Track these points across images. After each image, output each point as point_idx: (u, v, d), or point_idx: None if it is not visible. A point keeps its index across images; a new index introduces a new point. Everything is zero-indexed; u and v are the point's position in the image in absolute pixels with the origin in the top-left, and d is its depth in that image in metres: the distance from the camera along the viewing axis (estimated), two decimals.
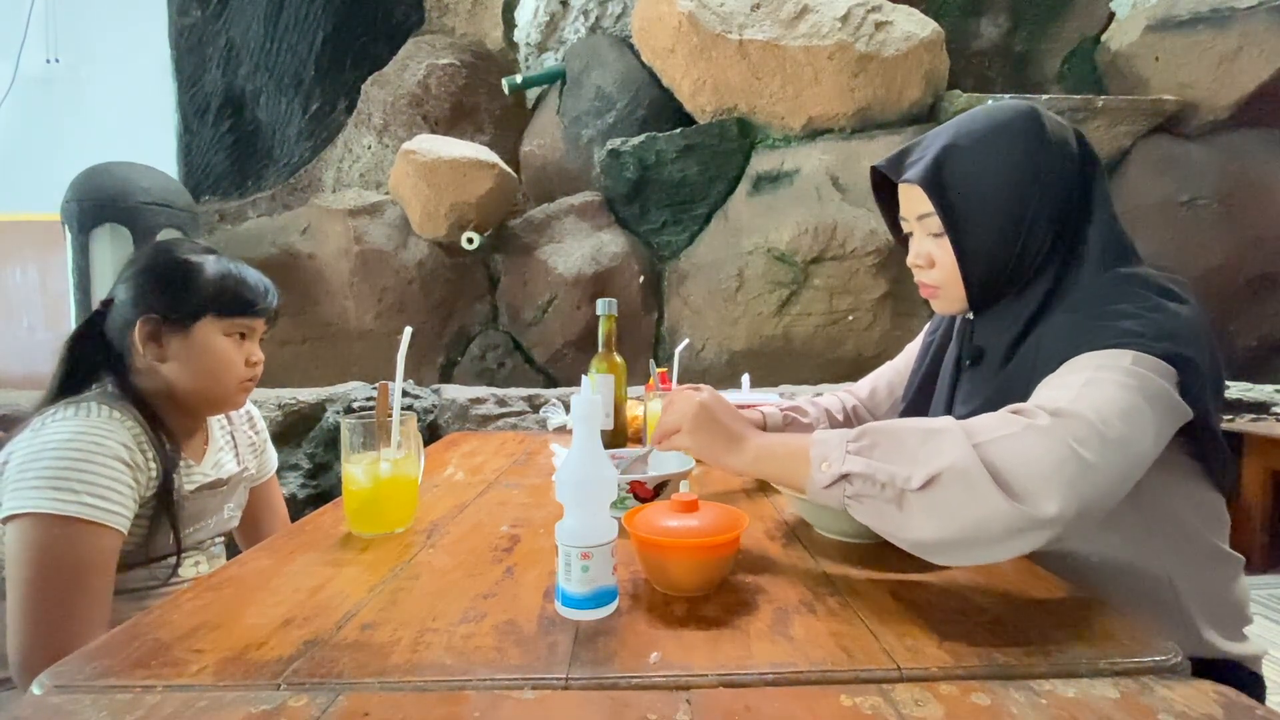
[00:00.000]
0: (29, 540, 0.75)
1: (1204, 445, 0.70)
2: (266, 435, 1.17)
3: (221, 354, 0.92)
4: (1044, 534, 0.53)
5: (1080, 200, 0.77)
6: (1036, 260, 0.77)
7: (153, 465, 0.86)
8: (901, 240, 0.90)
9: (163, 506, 0.87)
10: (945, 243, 0.79)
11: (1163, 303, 0.68)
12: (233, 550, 1.05)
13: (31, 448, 0.79)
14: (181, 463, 0.92)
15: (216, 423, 1.05)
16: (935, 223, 0.79)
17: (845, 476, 0.59)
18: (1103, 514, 0.56)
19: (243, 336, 0.95)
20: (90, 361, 0.92)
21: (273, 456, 1.17)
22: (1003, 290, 0.80)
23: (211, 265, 0.93)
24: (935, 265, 0.82)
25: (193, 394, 0.92)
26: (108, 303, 0.93)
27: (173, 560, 0.89)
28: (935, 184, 0.77)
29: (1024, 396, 0.66)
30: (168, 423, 0.90)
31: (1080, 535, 0.75)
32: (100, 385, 0.91)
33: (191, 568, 0.95)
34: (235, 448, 1.07)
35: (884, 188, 0.90)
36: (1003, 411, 0.60)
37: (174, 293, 0.91)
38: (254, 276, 0.97)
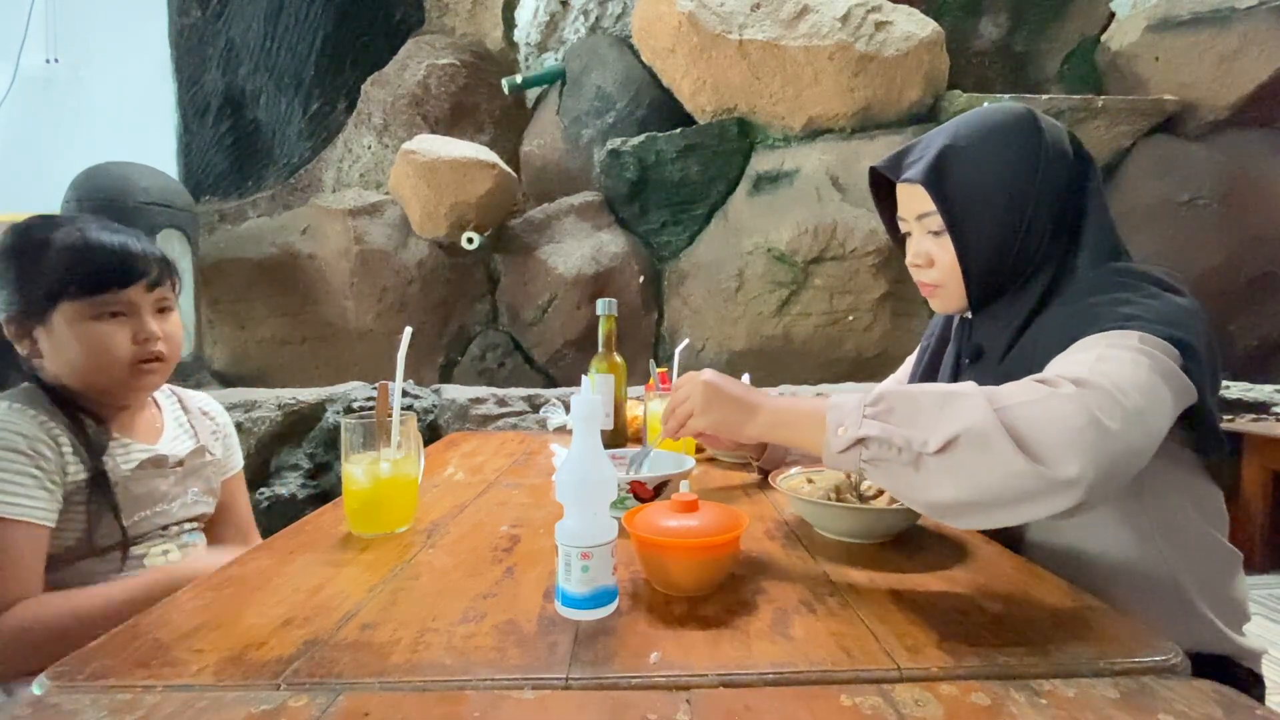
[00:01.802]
0: None
1: (1203, 436, 0.70)
2: (231, 430, 1.10)
3: (89, 341, 0.83)
4: (1063, 498, 0.53)
5: (1076, 198, 0.78)
6: (1036, 257, 0.78)
7: (65, 450, 0.81)
8: (899, 241, 0.90)
9: (96, 490, 0.82)
10: (945, 241, 0.80)
11: (1160, 293, 0.69)
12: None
13: None
14: (115, 442, 0.87)
15: (168, 407, 1.00)
16: (935, 221, 0.80)
17: (861, 441, 0.58)
18: (1121, 484, 0.55)
19: (120, 314, 0.85)
20: None
21: (238, 451, 1.11)
22: (1002, 288, 0.81)
23: (58, 242, 0.82)
24: (935, 264, 0.83)
25: (82, 386, 0.85)
26: None
27: (130, 549, 0.86)
28: (936, 182, 0.78)
29: None
30: (90, 406, 0.86)
31: (1088, 531, 0.75)
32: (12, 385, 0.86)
33: (160, 556, 0.90)
34: (194, 432, 1.01)
35: (882, 188, 0.90)
36: (1026, 380, 0.60)
37: (21, 283, 0.82)
38: (110, 244, 0.84)
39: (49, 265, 0.82)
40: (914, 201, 0.82)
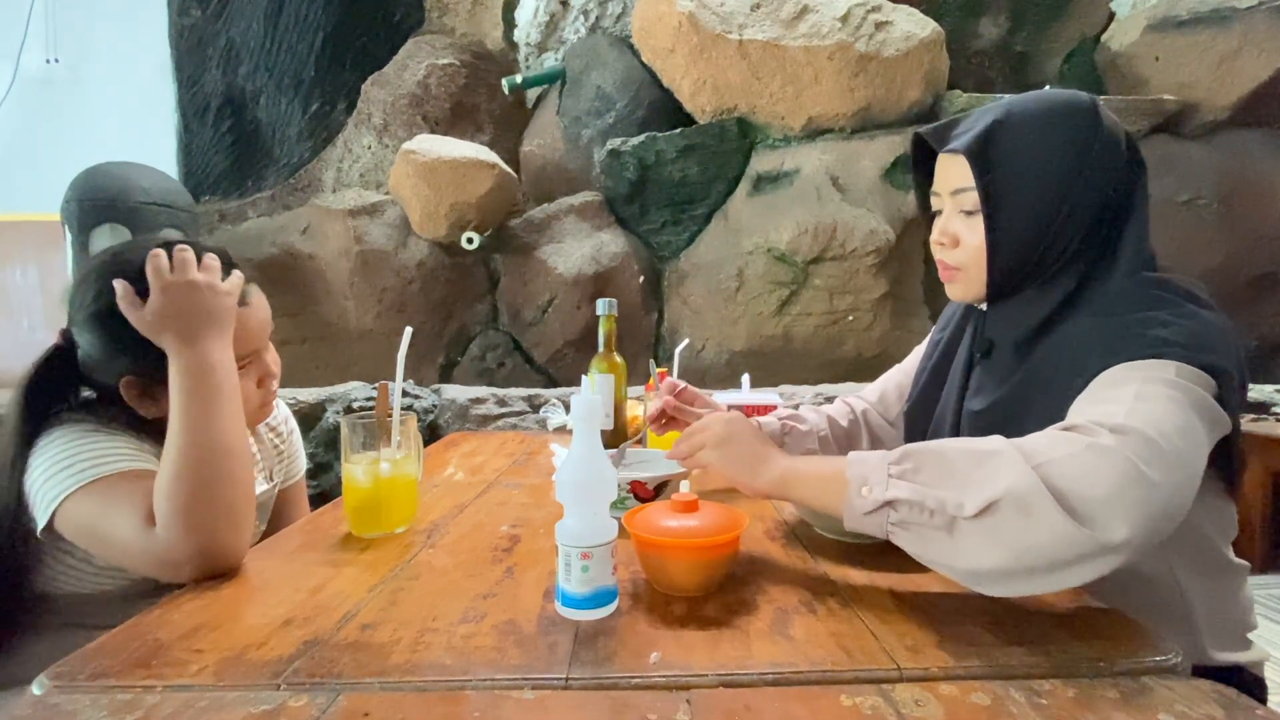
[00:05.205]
0: (83, 516, 0.69)
1: (1226, 454, 0.68)
2: (296, 439, 1.08)
3: None
4: (1113, 560, 0.51)
5: (1121, 203, 0.75)
6: (1066, 255, 0.75)
7: None
8: (929, 218, 0.86)
9: None
10: (975, 222, 0.77)
11: (1195, 310, 0.66)
12: None
13: (32, 471, 0.73)
14: None
15: None
16: (969, 199, 0.76)
17: (889, 503, 0.56)
18: (1167, 535, 0.53)
19: (247, 364, 0.84)
20: (60, 397, 0.80)
21: (301, 459, 1.10)
22: (1025, 281, 0.77)
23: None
24: (960, 245, 0.79)
25: None
26: (68, 337, 0.80)
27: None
28: (980, 156, 0.74)
29: (1044, 396, 0.65)
30: None
31: None
32: (74, 411, 0.79)
33: None
34: (262, 464, 1.00)
35: (921, 160, 0.87)
36: (1055, 429, 0.57)
37: (131, 344, 0.74)
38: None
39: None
40: (952, 175, 0.78)
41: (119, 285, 0.73)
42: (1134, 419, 0.55)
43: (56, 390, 0.81)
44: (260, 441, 1.01)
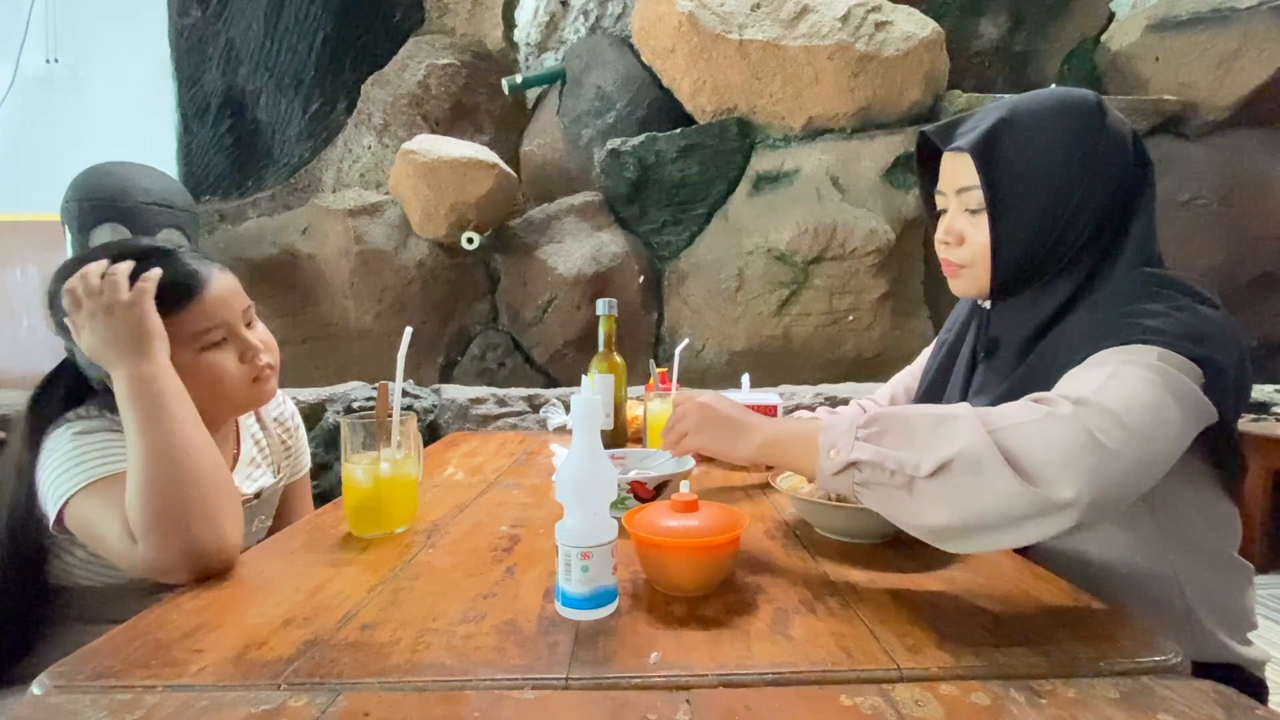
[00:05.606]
0: (87, 515, 0.70)
1: (1222, 452, 0.69)
2: (301, 434, 1.09)
3: (202, 376, 0.79)
4: (1059, 520, 0.52)
5: (1127, 200, 0.75)
6: (1071, 252, 0.75)
7: None
8: (933, 216, 0.87)
9: None
10: (980, 221, 0.77)
11: (1192, 304, 0.66)
12: None
13: (43, 466, 0.74)
14: None
15: (247, 433, 0.98)
16: (974, 197, 0.77)
17: (854, 464, 0.59)
18: (1121, 505, 0.55)
19: (224, 340, 0.82)
20: (68, 402, 0.81)
21: (306, 455, 1.10)
22: (1030, 278, 0.78)
23: None
24: (965, 243, 0.80)
25: (205, 418, 0.79)
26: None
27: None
28: (985, 154, 0.75)
29: (1042, 391, 0.65)
30: None
31: (1094, 537, 0.75)
32: (85, 407, 0.80)
33: None
34: (270, 456, 1.00)
35: (926, 159, 0.87)
36: (1024, 400, 0.59)
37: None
38: (185, 267, 0.80)
39: None
40: (957, 174, 0.79)
41: (70, 323, 0.76)
42: (1100, 394, 0.57)
43: (69, 389, 0.83)
44: (269, 436, 1.03)
